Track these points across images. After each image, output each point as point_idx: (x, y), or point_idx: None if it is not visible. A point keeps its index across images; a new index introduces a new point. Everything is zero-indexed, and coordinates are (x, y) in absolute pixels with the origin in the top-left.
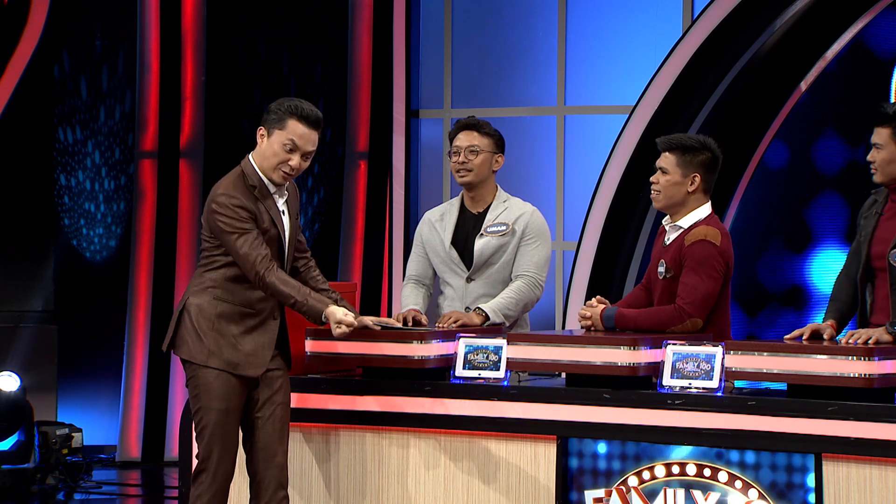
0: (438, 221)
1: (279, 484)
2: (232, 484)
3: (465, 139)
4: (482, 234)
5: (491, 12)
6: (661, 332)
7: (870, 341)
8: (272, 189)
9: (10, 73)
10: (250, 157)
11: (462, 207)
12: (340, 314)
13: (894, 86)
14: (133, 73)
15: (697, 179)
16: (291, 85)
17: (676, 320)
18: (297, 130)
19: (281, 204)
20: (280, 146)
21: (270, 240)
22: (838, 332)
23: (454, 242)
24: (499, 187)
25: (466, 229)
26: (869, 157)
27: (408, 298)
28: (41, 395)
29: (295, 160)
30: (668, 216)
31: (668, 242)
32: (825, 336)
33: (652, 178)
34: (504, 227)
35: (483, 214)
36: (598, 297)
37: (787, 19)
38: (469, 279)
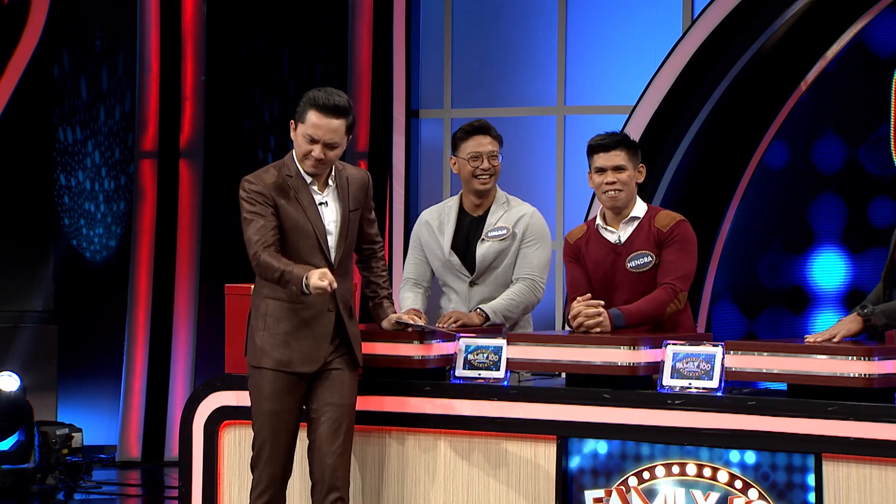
0: (437, 225)
1: (331, 486)
2: (296, 486)
3: (483, 144)
4: (483, 240)
5: (491, 12)
6: (661, 316)
7: (837, 335)
8: (309, 180)
9: (10, 73)
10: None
11: (461, 210)
12: (317, 276)
13: (894, 86)
14: (133, 73)
15: (644, 169)
16: (291, 85)
17: (672, 296)
18: (313, 121)
19: (323, 196)
20: (303, 138)
21: (303, 232)
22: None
23: (454, 247)
24: (497, 188)
25: (466, 233)
26: (610, 179)
27: (407, 300)
28: (41, 395)
29: (317, 151)
30: (599, 220)
31: (622, 240)
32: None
33: (607, 179)
34: (504, 231)
35: (483, 218)
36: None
37: (786, 19)
38: (472, 283)
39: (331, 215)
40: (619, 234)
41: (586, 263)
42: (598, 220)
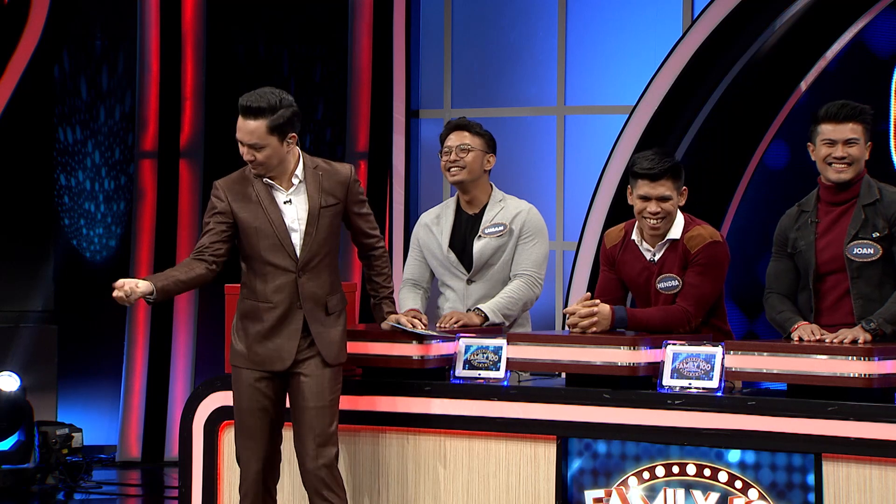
0: (435, 224)
1: (314, 489)
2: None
3: (456, 139)
4: (480, 236)
5: (491, 12)
6: (668, 332)
7: (859, 341)
8: (272, 182)
9: (10, 73)
10: None
11: (458, 209)
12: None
13: (894, 86)
14: (133, 73)
15: (686, 192)
16: (291, 85)
17: (685, 324)
18: (238, 123)
19: (287, 194)
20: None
21: (262, 232)
22: None
23: (452, 245)
24: (493, 186)
25: (464, 231)
26: (840, 153)
27: (406, 301)
28: (41, 395)
29: (244, 152)
30: (636, 233)
31: (656, 258)
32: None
33: (651, 209)
34: (501, 228)
35: (479, 215)
36: (588, 294)
37: (787, 19)
38: (469, 281)
39: (294, 213)
40: (654, 251)
41: (621, 275)
42: (635, 235)
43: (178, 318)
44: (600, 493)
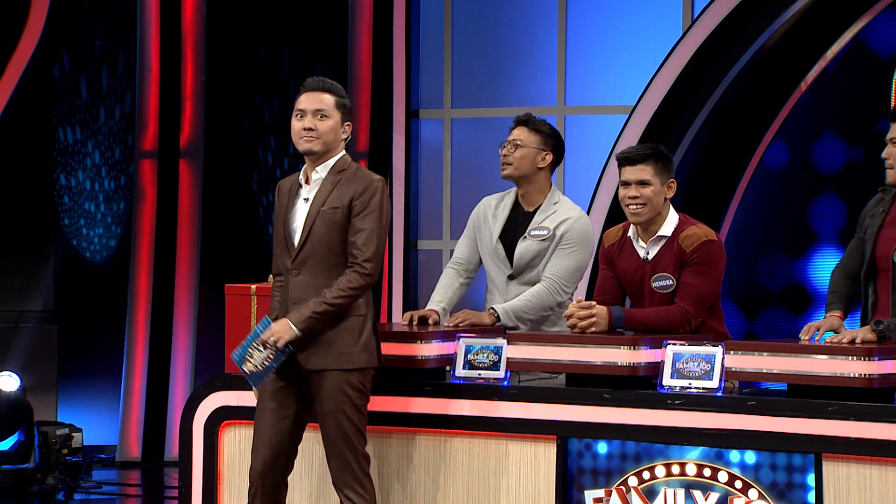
0: (493, 214)
1: (338, 488)
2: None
3: (513, 134)
4: (525, 237)
5: (491, 12)
6: (668, 332)
7: (856, 340)
8: (302, 180)
9: (10, 73)
10: None
11: (516, 202)
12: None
13: (894, 86)
14: (133, 73)
15: (674, 185)
16: (291, 85)
17: (685, 324)
18: (300, 99)
19: (305, 192)
20: (294, 118)
21: (278, 230)
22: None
23: (502, 237)
24: (553, 186)
25: (516, 227)
26: (884, 154)
27: (440, 285)
28: (41, 395)
29: (304, 124)
30: (632, 230)
31: (650, 256)
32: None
33: (630, 193)
34: (545, 232)
35: (533, 214)
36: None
37: (786, 19)
38: (511, 277)
39: (304, 212)
40: (647, 249)
41: (616, 272)
42: (631, 231)
43: (178, 318)
44: (600, 493)
